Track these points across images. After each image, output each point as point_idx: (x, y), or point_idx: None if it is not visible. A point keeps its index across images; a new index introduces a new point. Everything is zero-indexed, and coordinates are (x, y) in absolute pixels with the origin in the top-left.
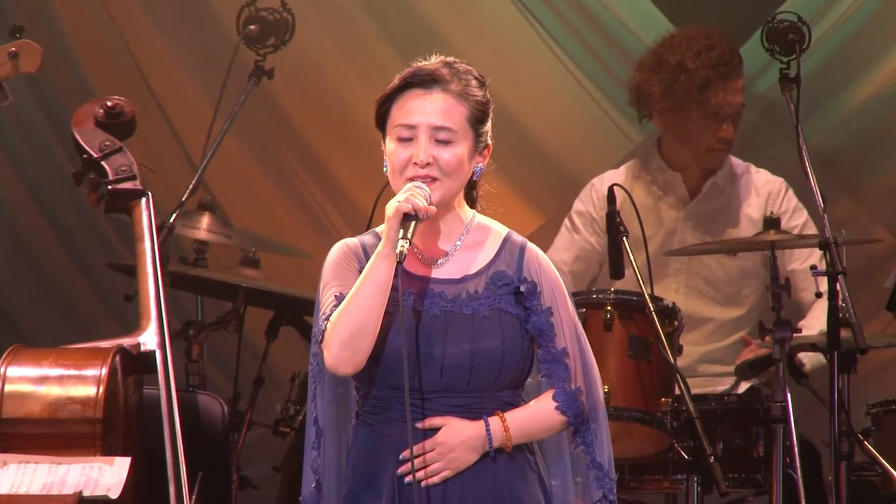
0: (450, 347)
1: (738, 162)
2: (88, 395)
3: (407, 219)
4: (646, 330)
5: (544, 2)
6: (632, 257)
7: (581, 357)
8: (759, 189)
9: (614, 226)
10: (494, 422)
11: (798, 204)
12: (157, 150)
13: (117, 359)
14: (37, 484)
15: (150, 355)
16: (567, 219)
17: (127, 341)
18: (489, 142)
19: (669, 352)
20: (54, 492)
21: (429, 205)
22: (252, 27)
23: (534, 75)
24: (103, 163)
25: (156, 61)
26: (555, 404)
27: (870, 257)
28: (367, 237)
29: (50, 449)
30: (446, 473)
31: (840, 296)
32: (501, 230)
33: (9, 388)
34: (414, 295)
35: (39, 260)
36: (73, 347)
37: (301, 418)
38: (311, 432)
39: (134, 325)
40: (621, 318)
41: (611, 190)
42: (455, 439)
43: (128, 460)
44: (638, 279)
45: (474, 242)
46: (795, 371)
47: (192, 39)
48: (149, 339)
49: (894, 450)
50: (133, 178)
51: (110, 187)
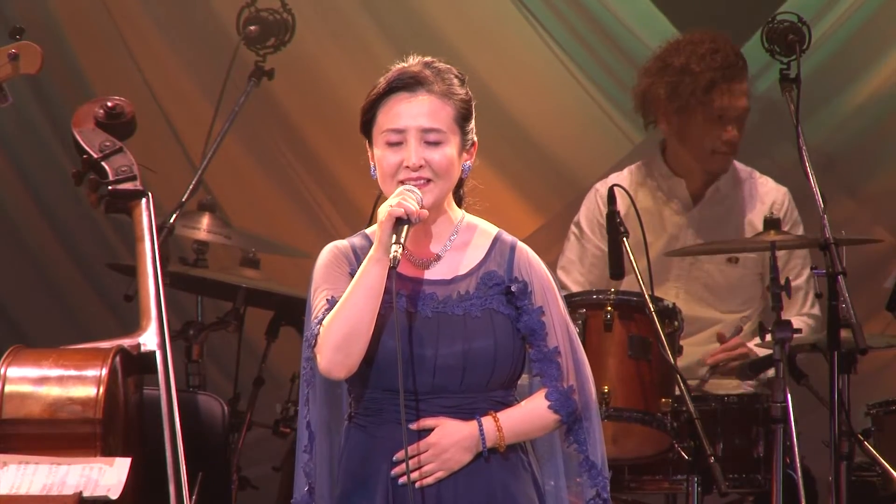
0: (442, 348)
1: (741, 167)
2: (88, 395)
3: (399, 223)
4: (646, 330)
5: (544, 2)
6: (632, 257)
7: (573, 355)
8: (762, 197)
9: (614, 225)
10: (487, 422)
11: (798, 218)
12: (157, 150)
13: (117, 359)
14: (37, 484)
15: (150, 356)
16: (574, 226)
17: (127, 342)
18: (475, 139)
19: (669, 352)
20: (54, 492)
21: (421, 208)
22: (252, 27)
23: (534, 75)
24: (103, 163)
25: (156, 61)
26: (547, 403)
27: (870, 257)
28: (356, 239)
29: (50, 449)
30: (440, 474)
31: (840, 296)
32: (491, 230)
33: (9, 388)
34: (405, 297)
35: (39, 260)
36: (73, 348)
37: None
38: (303, 436)
39: (134, 325)
40: (621, 318)
41: (611, 190)
42: (448, 440)
43: (128, 461)
44: (638, 280)
45: (464, 243)
46: (796, 371)
47: (192, 39)
48: (149, 340)
49: (894, 450)
50: (133, 179)
51: (110, 188)
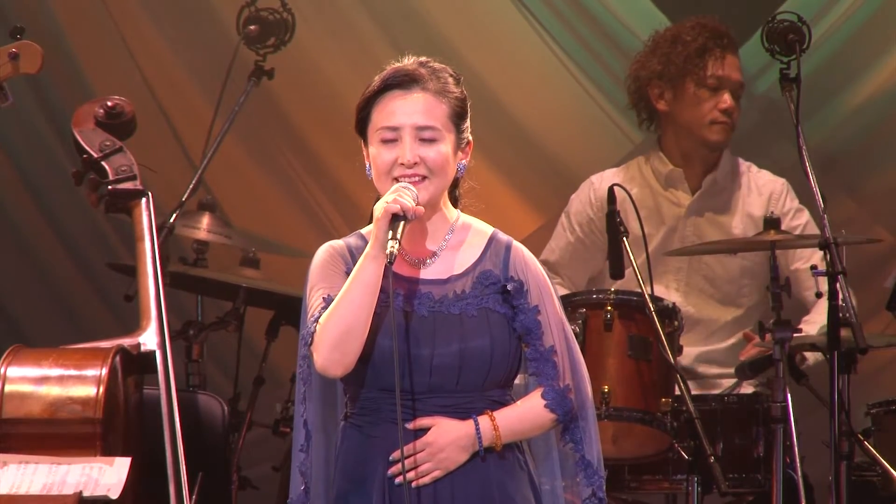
0: (438, 348)
1: (740, 162)
2: (88, 395)
3: (395, 219)
4: (646, 330)
5: (544, 2)
6: (632, 257)
7: (569, 355)
8: (760, 188)
9: (614, 225)
10: (484, 421)
11: (799, 205)
12: (157, 150)
13: (117, 359)
14: (37, 484)
15: (150, 355)
16: (564, 216)
17: (127, 341)
18: (470, 138)
19: (669, 352)
20: (54, 492)
21: (416, 205)
22: (252, 27)
23: (534, 75)
24: (103, 163)
25: (156, 61)
26: (544, 402)
27: (870, 257)
28: (352, 239)
29: (50, 449)
30: (437, 474)
31: (840, 296)
32: (487, 229)
33: (9, 388)
34: (402, 296)
35: (39, 260)
36: (73, 347)
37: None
38: (299, 435)
39: (134, 325)
40: (621, 318)
41: (611, 189)
42: (445, 439)
43: (128, 460)
44: (638, 279)
45: (460, 242)
46: (796, 371)
47: (192, 39)
48: (149, 340)
49: (894, 450)
50: (133, 178)
51: (110, 187)
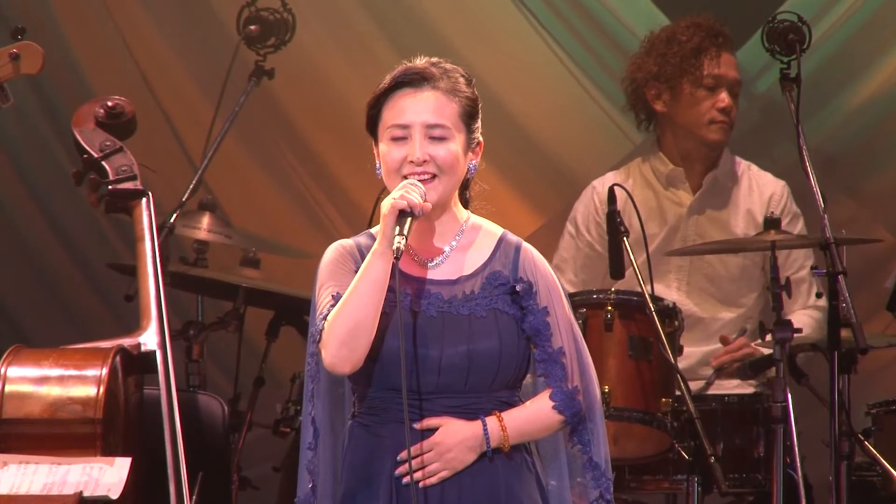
0: (447, 348)
1: (739, 160)
2: (89, 395)
3: (403, 215)
4: (646, 330)
5: (544, 2)
6: (633, 257)
7: (578, 356)
8: (761, 188)
9: (615, 225)
10: (492, 422)
11: (797, 211)
12: (157, 150)
13: (117, 359)
14: (37, 484)
15: (151, 355)
16: (569, 223)
17: (127, 341)
18: (481, 139)
19: (670, 352)
20: (55, 492)
21: (424, 202)
22: (252, 27)
23: (534, 75)
24: (104, 163)
25: (156, 61)
26: (552, 404)
27: (870, 257)
28: (362, 238)
29: (50, 449)
30: (444, 474)
31: (840, 296)
32: (496, 230)
33: (9, 388)
34: (411, 296)
35: (39, 260)
36: (73, 347)
37: (302, 419)
38: (307, 433)
39: (134, 325)
40: (622, 318)
41: (611, 190)
42: (452, 440)
43: (128, 460)
44: (638, 279)
45: (469, 243)
46: (796, 371)
47: (192, 39)
48: (149, 339)
49: (894, 450)
50: (133, 178)
51: (111, 187)
